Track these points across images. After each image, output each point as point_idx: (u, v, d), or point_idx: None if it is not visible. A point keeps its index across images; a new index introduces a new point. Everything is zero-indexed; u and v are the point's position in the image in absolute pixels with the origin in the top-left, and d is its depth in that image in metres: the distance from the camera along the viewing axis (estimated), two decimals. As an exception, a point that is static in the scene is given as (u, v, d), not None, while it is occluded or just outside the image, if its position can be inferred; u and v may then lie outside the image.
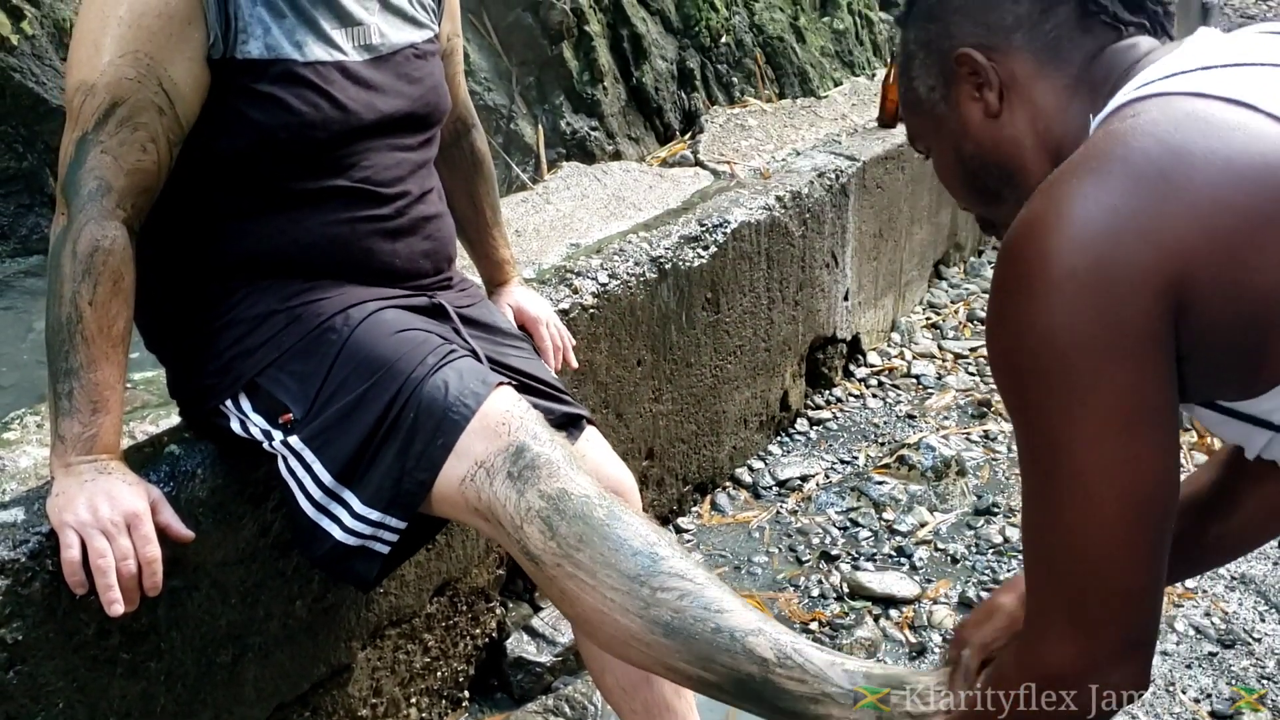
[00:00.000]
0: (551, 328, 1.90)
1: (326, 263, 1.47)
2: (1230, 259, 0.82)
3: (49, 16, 2.49)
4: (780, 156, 3.37)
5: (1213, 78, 0.90)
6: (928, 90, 1.09)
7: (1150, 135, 0.86)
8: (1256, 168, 0.82)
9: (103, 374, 1.30)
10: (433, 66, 1.60)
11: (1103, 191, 0.84)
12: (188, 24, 1.32)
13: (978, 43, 1.03)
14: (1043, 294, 0.84)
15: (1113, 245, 0.82)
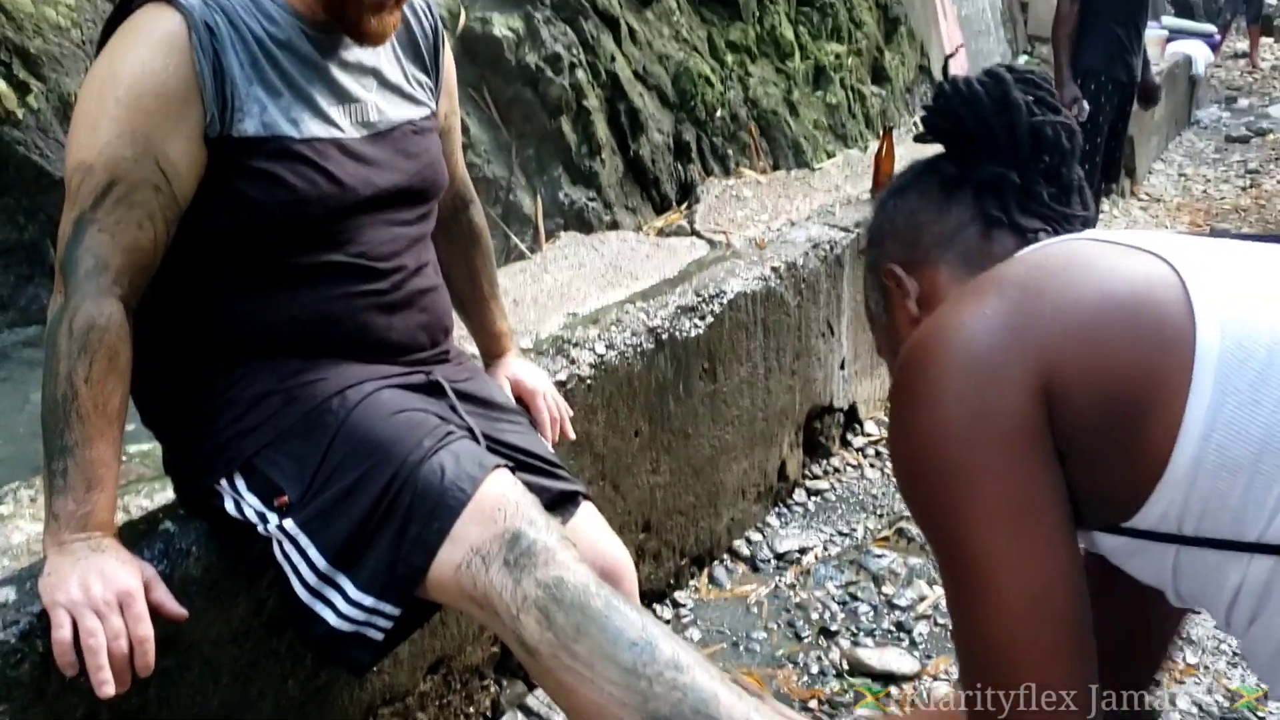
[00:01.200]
0: (549, 399, 1.90)
1: (323, 339, 1.47)
2: (1091, 352, 0.90)
3: (54, 90, 2.52)
4: (775, 227, 3.40)
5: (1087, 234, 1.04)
6: (874, 305, 1.24)
7: (1021, 262, 1.00)
8: (1114, 276, 0.93)
9: (97, 451, 1.30)
10: (430, 142, 1.62)
11: (976, 306, 0.95)
12: (185, 103, 1.34)
13: (902, 259, 1.17)
14: (926, 397, 0.93)
15: (984, 347, 0.92)
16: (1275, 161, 7.58)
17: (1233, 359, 0.86)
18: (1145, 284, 0.91)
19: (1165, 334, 0.88)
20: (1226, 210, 6.43)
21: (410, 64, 1.61)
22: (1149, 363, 0.88)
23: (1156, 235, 1.01)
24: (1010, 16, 7.48)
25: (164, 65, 1.33)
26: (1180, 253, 0.94)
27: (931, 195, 1.18)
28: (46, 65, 2.51)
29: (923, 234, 1.16)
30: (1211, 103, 9.84)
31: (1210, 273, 0.92)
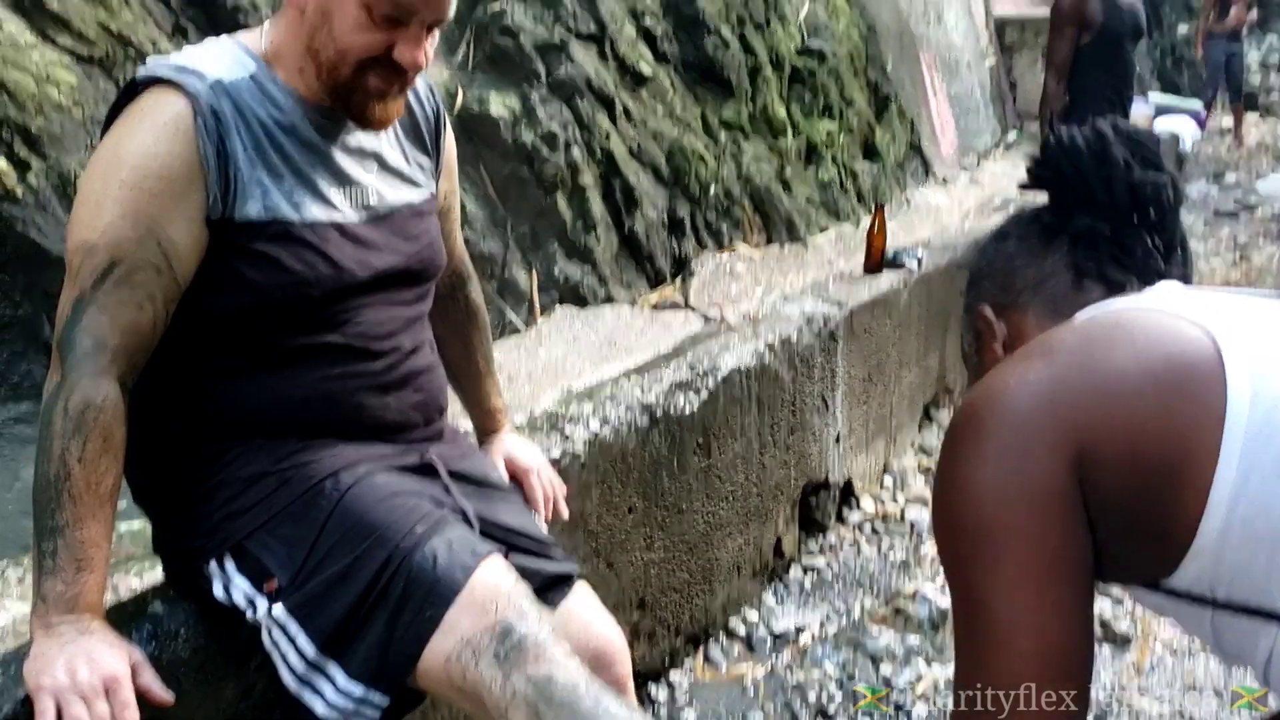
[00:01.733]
0: (543, 477, 1.89)
1: (318, 419, 1.47)
2: (1124, 423, 0.93)
3: (54, 168, 2.54)
4: (769, 301, 3.42)
5: (1135, 301, 1.07)
6: (968, 345, 1.28)
7: (1070, 329, 1.05)
8: (1150, 343, 0.96)
9: (88, 532, 1.29)
10: (429, 224, 1.63)
11: (1025, 372, 0.99)
12: (188, 186, 1.35)
13: (994, 301, 1.22)
14: (967, 456, 0.98)
15: (1026, 413, 0.96)
16: (1264, 236, 7.65)
17: (1260, 434, 0.89)
18: (1180, 356, 0.94)
19: (1195, 406, 0.91)
20: (1217, 285, 6.48)
21: (412, 147, 1.63)
22: (1179, 435, 0.91)
23: (1211, 299, 1.04)
24: (999, 94, 7.61)
25: (169, 149, 1.34)
26: (1221, 320, 0.97)
27: (1029, 242, 1.21)
28: (47, 143, 2.54)
29: (1016, 279, 1.20)
30: (1199, 178, 9.96)
31: (1247, 343, 0.95)
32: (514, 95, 3.47)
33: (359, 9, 1.38)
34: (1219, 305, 1.02)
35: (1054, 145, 1.20)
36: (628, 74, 3.86)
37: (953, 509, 0.98)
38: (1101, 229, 1.16)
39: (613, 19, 3.82)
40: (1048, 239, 1.20)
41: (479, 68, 3.53)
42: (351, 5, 1.38)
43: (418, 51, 1.42)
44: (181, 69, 1.39)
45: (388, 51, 1.41)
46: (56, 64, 2.61)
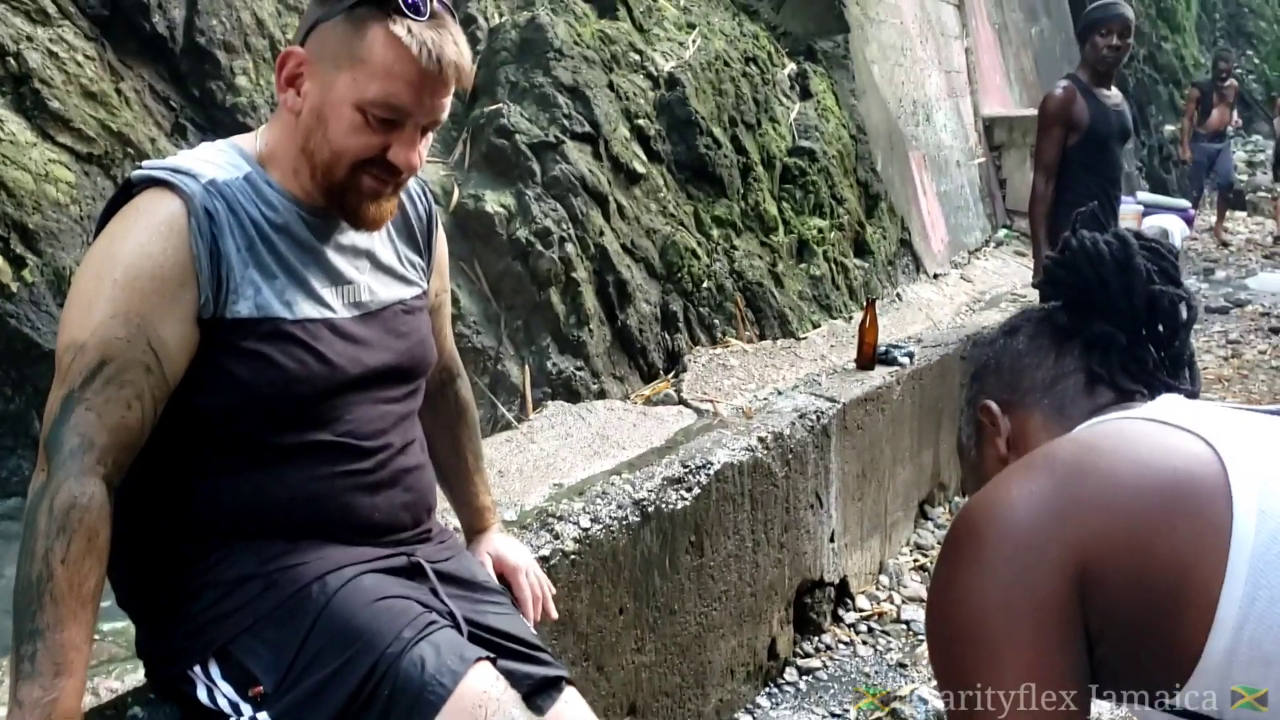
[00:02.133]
0: (531, 577, 1.87)
1: (305, 519, 1.46)
2: (1129, 540, 0.92)
3: (50, 265, 2.56)
4: (762, 396, 3.42)
5: (1148, 409, 1.07)
6: (966, 439, 1.27)
7: (1074, 440, 1.04)
8: (1155, 458, 0.96)
9: (69, 634, 1.26)
10: (420, 321, 1.64)
11: (1027, 482, 0.99)
12: (180, 286, 1.36)
13: (1000, 398, 1.21)
14: (967, 564, 0.97)
15: (1027, 524, 0.95)
16: (1255, 332, 7.70)
17: (1267, 554, 0.88)
18: (1185, 471, 0.94)
19: (1202, 524, 0.90)
20: (1210, 381, 6.49)
21: (404, 245, 1.64)
22: (1185, 553, 0.90)
23: (1211, 412, 1.03)
24: (989, 192, 7.72)
25: (162, 249, 1.35)
26: (1226, 435, 0.96)
27: (1041, 341, 1.21)
28: (44, 240, 2.56)
29: (1024, 377, 1.20)
30: (1190, 274, 10.06)
31: (1252, 458, 0.94)
32: (509, 193, 3.52)
33: (354, 111, 1.40)
34: (1221, 418, 1.01)
35: (1076, 248, 1.19)
36: (621, 172, 3.92)
37: (951, 617, 0.98)
38: (1117, 337, 1.16)
39: (607, 119, 3.89)
40: (1060, 340, 1.20)
41: (475, 166, 3.58)
42: (346, 108, 1.40)
43: (412, 153, 1.44)
44: (176, 170, 1.41)
45: (382, 153, 1.43)
46: (55, 162, 2.65)
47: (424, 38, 1.39)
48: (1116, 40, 4.41)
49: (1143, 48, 13.19)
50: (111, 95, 2.82)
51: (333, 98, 1.41)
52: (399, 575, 1.50)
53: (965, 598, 0.96)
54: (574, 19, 4.09)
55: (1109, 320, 1.16)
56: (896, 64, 6.43)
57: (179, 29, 3.04)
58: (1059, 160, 4.44)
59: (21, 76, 2.63)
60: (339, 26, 1.41)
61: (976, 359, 1.29)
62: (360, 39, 1.39)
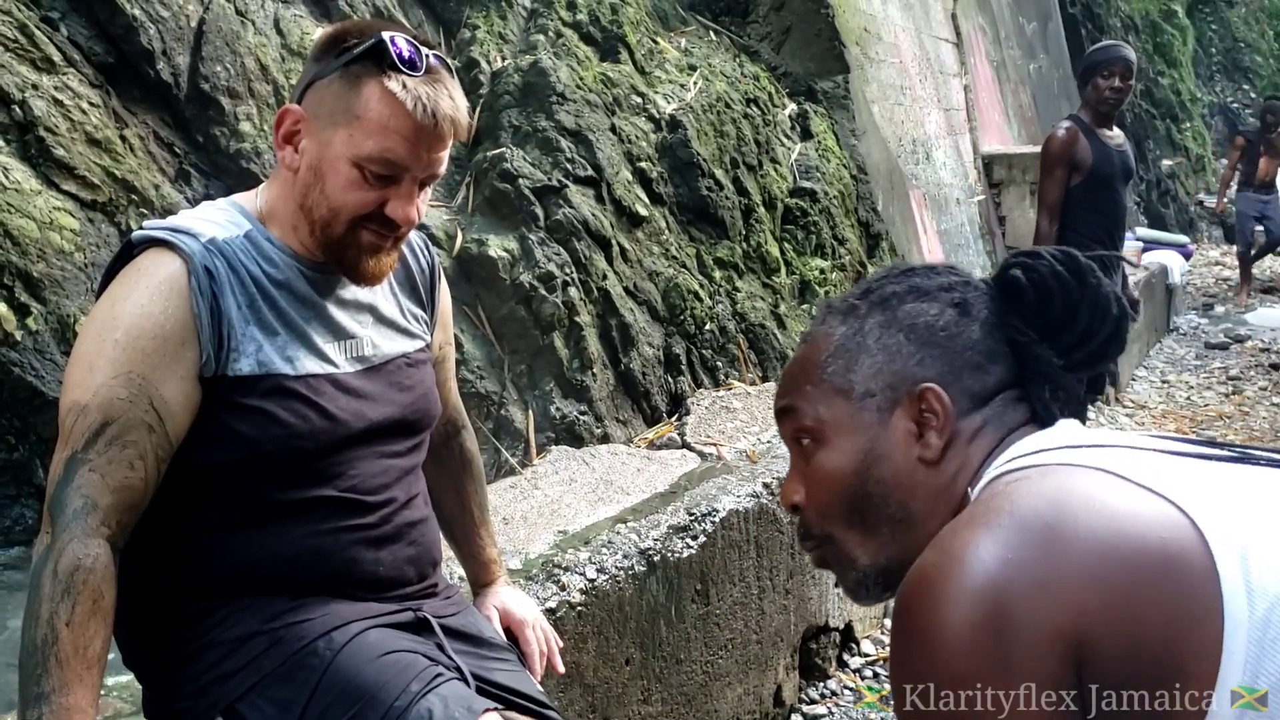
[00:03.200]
0: (538, 631, 1.85)
1: (309, 575, 1.45)
2: (1124, 612, 0.84)
3: (54, 313, 2.56)
4: (765, 438, 3.41)
5: (1079, 454, 0.97)
6: (864, 390, 1.08)
7: (1036, 494, 0.91)
8: (1137, 526, 0.87)
9: (74, 698, 1.25)
10: (424, 374, 1.63)
11: (994, 544, 0.87)
12: (181, 345, 1.36)
13: (941, 383, 1.06)
14: (941, 645, 0.85)
15: (1008, 597, 0.84)
16: (1256, 368, 7.71)
17: (1264, 638, 0.84)
18: (1173, 542, 0.87)
19: (1194, 603, 0.84)
20: (1211, 418, 6.49)
21: (406, 298, 1.64)
22: (1179, 631, 0.84)
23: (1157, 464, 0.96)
24: (989, 229, 7.75)
25: (163, 308, 1.35)
26: (1194, 498, 0.90)
27: (996, 345, 1.08)
28: (48, 288, 2.56)
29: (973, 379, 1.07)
30: (1189, 310, 10.09)
31: (1227, 524, 0.88)
32: (512, 237, 3.52)
33: (351, 167, 1.41)
34: (1172, 473, 0.95)
35: (1052, 272, 1.08)
36: (624, 215, 3.93)
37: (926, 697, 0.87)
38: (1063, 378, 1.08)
39: (609, 163, 3.91)
40: (1015, 352, 1.09)
41: (478, 210, 3.60)
42: (343, 164, 1.41)
43: (410, 207, 1.45)
44: (176, 230, 1.41)
45: (380, 208, 1.43)
46: (60, 209, 2.66)
47: (419, 93, 1.39)
48: (1119, 82, 4.44)
49: (1140, 83, 13.28)
50: (116, 142, 2.84)
51: (330, 154, 1.42)
52: (405, 630, 1.49)
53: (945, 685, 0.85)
54: (576, 62, 4.12)
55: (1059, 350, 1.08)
56: (896, 103, 6.47)
57: (183, 76, 3.06)
58: (1062, 201, 4.45)
59: (26, 124, 2.65)
60: (335, 83, 1.42)
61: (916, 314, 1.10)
62: (356, 95, 1.40)
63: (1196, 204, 14.85)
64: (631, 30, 4.56)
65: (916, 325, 1.08)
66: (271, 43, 3.32)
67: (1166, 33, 15.26)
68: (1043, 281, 1.08)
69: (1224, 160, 17.09)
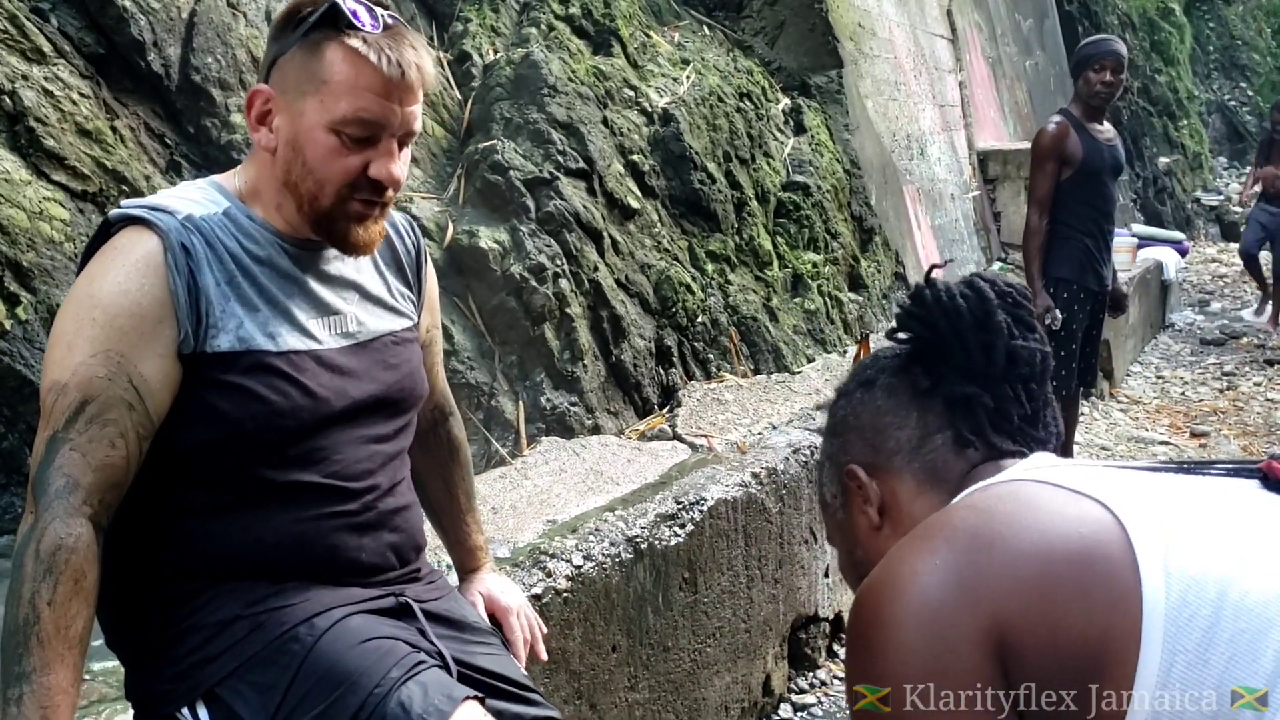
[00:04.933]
0: (522, 617, 1.86)
1: (291, 561, 1.45)
2: (1041, 610, 0.89)
3: (44, 302, 2.56)
4: (756, 430, 3.41)
5: (1029, 472, 1.03)
6: (831, 497, 1.22)
7: (968, 508, 1.00)
8: (1059, 525, 0.93)
9: (56, 678, 1.25)
10: (411, 352, 1.63)
11: (926, 556, 0.95)
12: (158, 323, 1.36)
13: (865, 461, 1.16)
14: (879, 649, 0.94)
15: (935, 601, 0.92)
16: (1250, 364, 7.72)
17: (1179, 616, 0.86)
18: (1091, 538, 0.91)
19: (1112, 592, 0.88)
20: (1205, 412, 6.50)
21: (393, 277, 1.64)
22: (1098, 622, 0.88)
23: (1099, 474, 1.01)
24: (983, 225, 7.76)
25: (139, 286, 1.35)
26: (1122, 498, 0.94)
27: (900, 399, 1.15)
28: (38, 278, 2.57)
29: (888, 439, 1.15)
30: (1185, 306, 10.09)
31: (1151, 520, 0.92)
32: (503, 229, 3.53)
33: (327, 134, 1.41)
34: (1111, 480, 0.99)
35: (930, 301, 1.13)
36: (616, 208, 3.93)
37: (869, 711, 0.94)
38: (982, 396, 1.11)
39: (601, 156, 3.91)
40: (920, 397, 1.14)
41: (469, 202, 3.60)
42: (320, 132, 1.41)
43: (393, 165, 1.45)
44: (152, 208, 1.41)
45: (363, 172, 1.43)
46: (50, 199, 2.66)
47: (381, 46, 1.40)
48: (1109, 76, 4.44)
49: (1136, 80, 13.28)
50: (106, 133, 2.84)
51: (304, 125, 1.42)
52: (387, 615, 1.50)
53: (884, 684, 0.93)
54: (568, 55, 4.12)
55: (968, 376, 1.12)
56: (890, 98, 6.47)
57: (174, 67, 3.06)
58: (1053, 195, 4.46)
59: (16, 115, 2.65)
60: (297, 55, 1.42)
61: (834, 412, 1.23)
62: (320, 61, 1.40)
63: (1193, 201, 14.85)
64: (624, 24, 4.57)
65: (836, 424, 1.22)
66: (262, 35, 3.32)
67: (1164, 30, 15.27)
68: (924, 317, 1.14)
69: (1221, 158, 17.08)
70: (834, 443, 1.21)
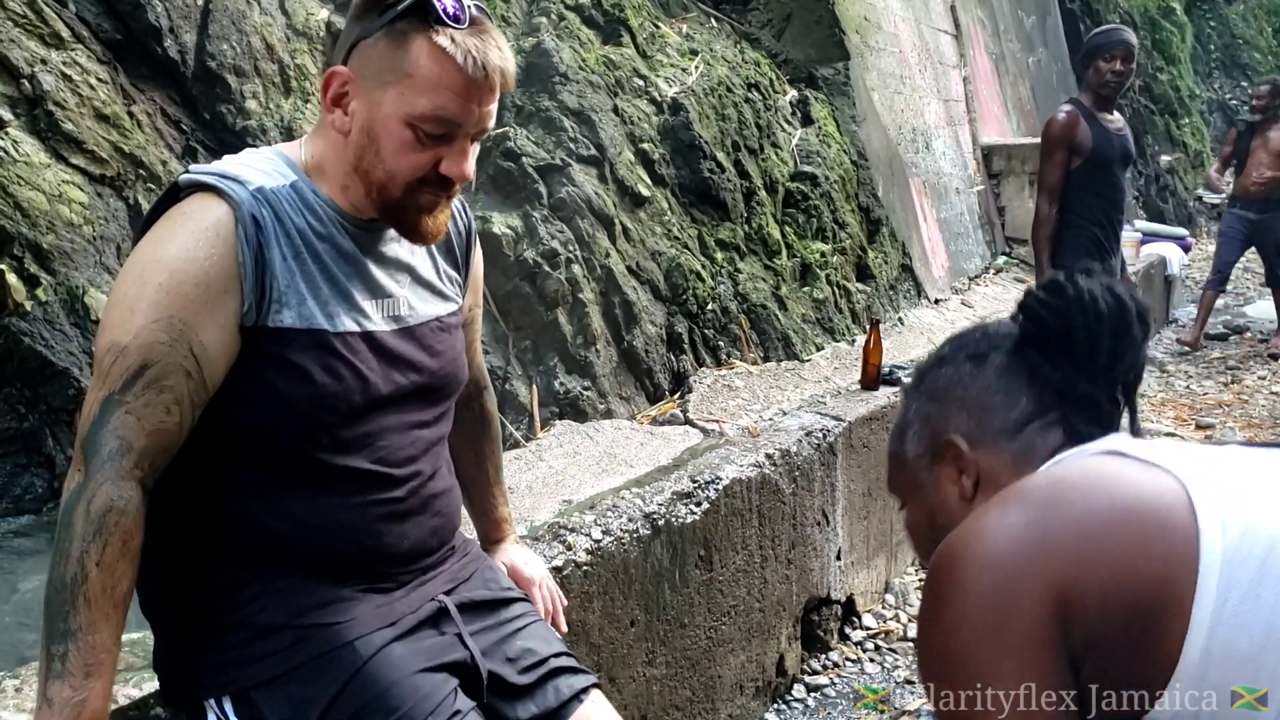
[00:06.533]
0: (544, 589, 1.87)
1: (335, 546, 1.46)
2: (1105, 562, 0.96)
3: (63, 284, 2.58)
4: (767, 416, 3.43)
5: (1106, 444, 1.10)
6: (915, 457, 1.26)
7: (1043, 476, 1.09)
8: (1123, 485, 1.00)
9: (100, 636, 1.27)
10: (454, 339, 1.63)
11: (1001, 519, 1.03)
12: (224, 293, 1.35)
13: (967, 433, 1.20)
14: (950, 599, 1.01)
15: (1007, 558, 0.99)
16: (1255, 358, 7.72)
17: (1234, 556, 0.92)
18: (1153, 495, 0.98)
19: (1173, 541, 0.94)
20: (1210, 405, 6.51)
21: (443, 261, 1.64)
22: (1158, 569, 0.94)
23: (1165, 446, 1.07)
24: (988, 219, 7.77)
25: (208, 254, 1.35)
26: (1186, 464, 1.01)
27: (1015, 381, 1.19)
28: (57, 260, 2.59)
29: (995, 416, 1.19)
30: (1189, 301, 10.10)
31: (1213, 480, 0.98)
32: (516, 215, 3.55)
33: (404, 127, 1.39)
34: (1177, 451, 1.05)
35: (1073, 297, 1.15)
36: (627, 195, 3.95)
37: (939, 651, 1.01)
38: (1100, 395, 1.16)
39: (612, 143, 3.93)
40: (1036, 384, 1.18)
41: (482, 189, 3.62)
42: (396, 124, 1.39)
43: (464, 163, 1.43)
44: (224, 176, 1.40)
45: (434, 168, 1.41)
46: (69, 183, 2.68)
47: (468, 46, 1.37)
48: (1120, 65, 4.45)
49: (1139, 79, 13.30)
50: (124, 118, 2.86)
51: (381, 114, 1.40)
52: (427, 625, 1.52)
53: (952, 632, 1.00)
54: (579, 45, 4.14)
55: (1088, 374, 1.15)
56: (896, 91, 6.49)
57: (190, 53, 3.08)
58: (1062, 184, 4.48)
59: (36, 99, 2.67)
60: (380, 43, 1.40)
61: (936, 377, 1.26)
62: (405, 53, 1.38)
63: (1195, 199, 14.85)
64: (633, 14, 4.59)
65: (938, 389, 1.25)
66: (277, 22, 3.34)
67: (1165, 29, 15.27)
68: (1062, 311, 1.17)
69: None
70: (932, 407, 1.25)
